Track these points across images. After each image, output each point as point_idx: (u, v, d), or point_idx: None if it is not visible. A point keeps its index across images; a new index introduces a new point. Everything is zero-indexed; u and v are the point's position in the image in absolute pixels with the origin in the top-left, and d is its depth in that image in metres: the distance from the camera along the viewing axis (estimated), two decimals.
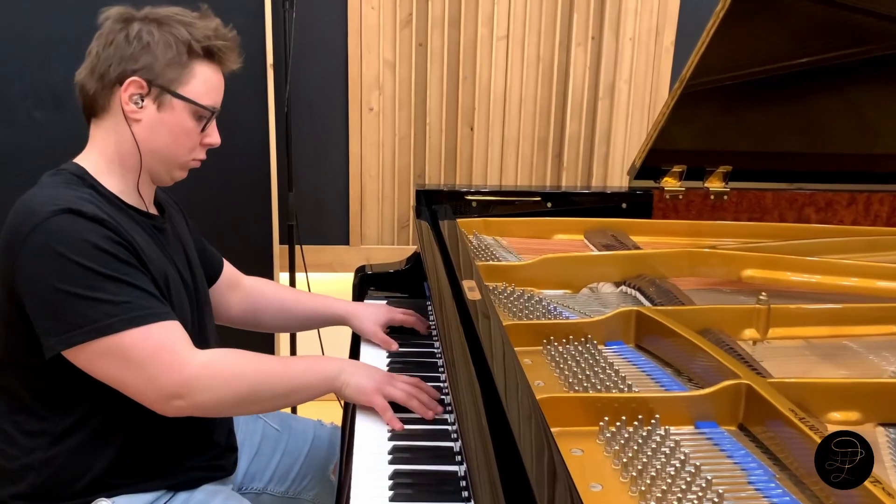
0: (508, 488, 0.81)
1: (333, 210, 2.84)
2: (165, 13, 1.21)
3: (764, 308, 1.31)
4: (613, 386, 1.09)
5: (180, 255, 1.32)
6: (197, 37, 1.20)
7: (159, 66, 1.19)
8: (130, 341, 1.09)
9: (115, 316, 1.08)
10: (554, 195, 1.96)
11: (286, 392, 1.20)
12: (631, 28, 2.78)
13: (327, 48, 2.70)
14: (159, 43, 1.18)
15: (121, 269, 1.11)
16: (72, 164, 1.23)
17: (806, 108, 1.89)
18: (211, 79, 1.23)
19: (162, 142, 1.22)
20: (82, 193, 1.16)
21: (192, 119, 1.22)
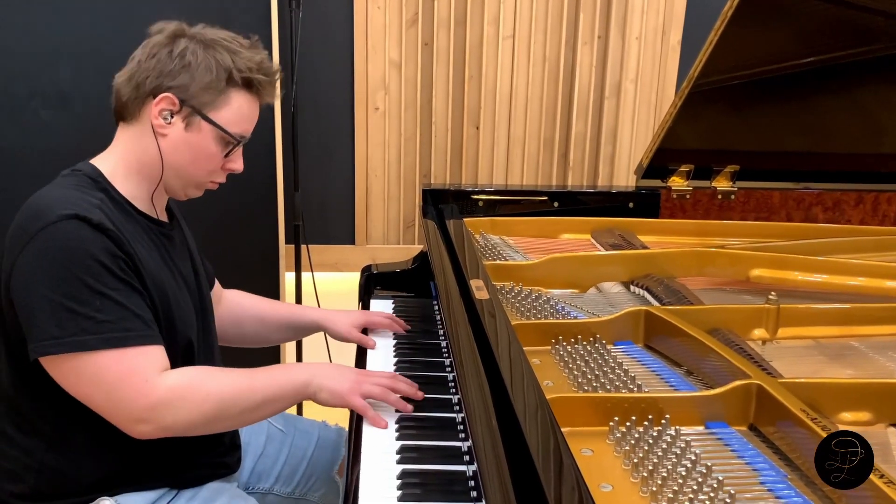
0: (519, 488, 0.81)
1: (339, 210, 2.85)
2: (214, 36, 1.21)
3: (773, 308, 1.31)
4: (623, 386, 1.09)
5: (187, 261, 1.32)
6: (239, 66, 1.20)
7: (195, 87, 1.19)
8: (103, 362, 1.08)
9: (93, 334, 1.07)
10: (561, 194, 1.95)
11: (255, 406, 1.17)
12: (637, 27, 2.77)
13: (333, 48, 2.70)
14: (200, 65, 1.18)
15: (113, 284, 1.10)
16: (88, 165, 1.22)
17: (813, 108, 1.88)
18: (244, 109, 1.23)
19: (182, 160, 1.22)
20: (93, 198, 1.15)
21: (218, 144, 1.22)
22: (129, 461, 1.20)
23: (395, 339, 1.53)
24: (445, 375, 1.35)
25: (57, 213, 1.09)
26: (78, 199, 1.13)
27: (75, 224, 1.09)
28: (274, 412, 1.22)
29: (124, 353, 1.09)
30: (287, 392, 1.19)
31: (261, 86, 1.23)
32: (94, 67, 2.15)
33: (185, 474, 1.25)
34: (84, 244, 1.09)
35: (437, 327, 1.58)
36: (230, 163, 1.26)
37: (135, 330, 1.10)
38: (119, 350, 1.08)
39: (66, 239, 1.08)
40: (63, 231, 1.08)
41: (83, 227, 1.09)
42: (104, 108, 2.16)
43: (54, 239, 1.08)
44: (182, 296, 1.25)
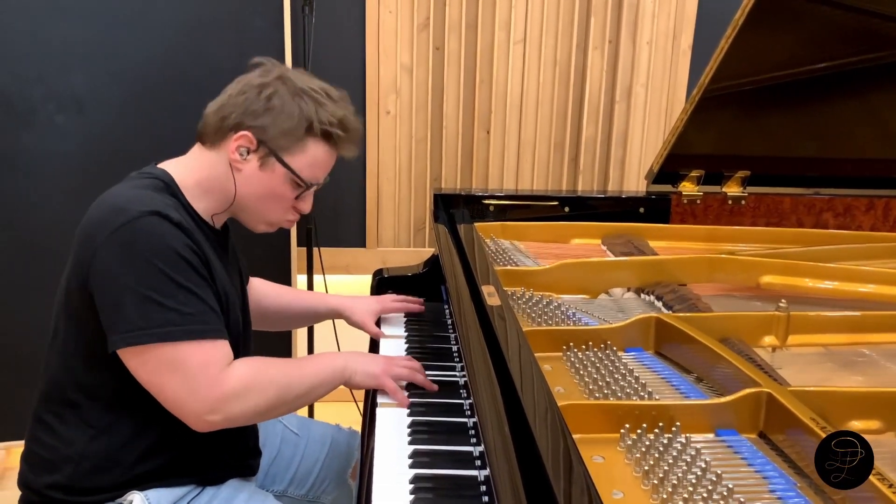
0: (531, 493, 0.82)
1: (350, 213, 2.86)
2: (304, 85, 1.25)
3: (783, 315, 1.31)
4: (634, 393, 1.10)
5: (235, 269, 1.39)
6: (322, 118, 1.24)
7: (275, 130, 1.23)
8: (184, 353, 1.13)
9: (178, 325, 1.13)
10: (571, 199, 1.96)
11: (307, 391, 1.25)
12: (648, 31, 2.78)
13: (345, 52, 2.71)
14: (284, 110, 1.22)
15: (194, 279, 1.15)
16: (159, 170, 1.26)
17: (825, 113, 1.89)
18: (320, 158, 1.27)
19: (253, 195, 1.26)
20: (167, 199, 1.20)
21: (289, 186, 1.27)
22: (163, 458, 1.24)
23: (407, 344, 1.54)
24: (457, 380, 1.37)
25: (138, 210, 1.14)
26: (154, 198, 1.18)
27: (157, 220, 1.14)
28: (319, 396, 1.29)
29: (202, 345, 1.15)
30: (329, 377, 1.27)
31: (338, 139, 1.27)
32: (108, 72, 2.17)
33: (210, 472, 1.28)
34: (167, 239, 1.14)
35: (448, 331, 1.59)
36: (300, 203, 1.31)
37: (212, 323, 1.17)
38: (198, 342, 1.14)
39: (150, 233, 1.13)
40: (147, 225, 1.13)
41: (164, 223, 1.14)
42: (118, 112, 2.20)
43: (139, 233, 1.12)
44: (235, 297, 1.31)
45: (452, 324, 1.59)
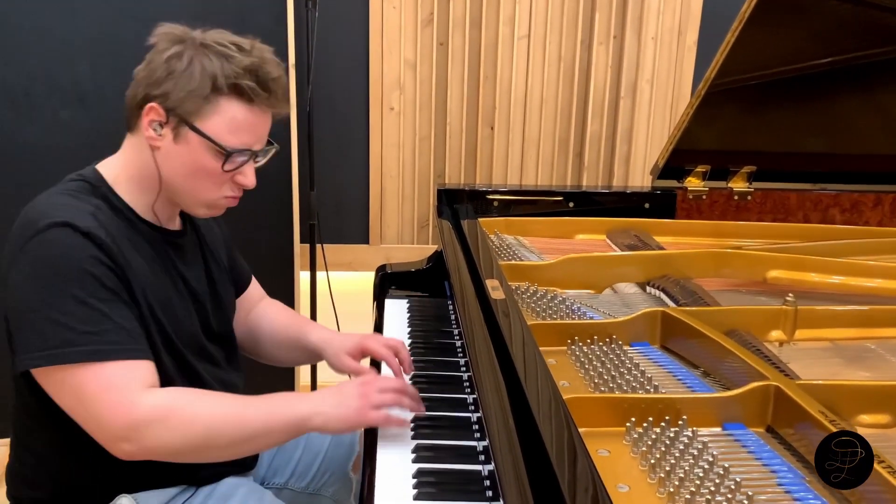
0: (536, 488, 0.81)
1: (354, 209, 2.85)
2: (209, 40, 1.13)
3: (791, 309, 1.30)
4: (640, 387, 1.09)
5: (197, 268, 1.28)
6: (226, 72, 1.11)
7: (179, 94, 1.11)
8: (83, 376, 1.04)
9: (75, 346, 1.03)
10: (576, 195, 1.95)
11: (247, 437, 1.10)
12: (653, 27, 2.76)
13: (349, 48, 2.71)
14: (186, 71, 1.11)
15: (100, 294, 1.06)
16: (92, 171, 1.19)
17: (831, 108, 1.87)
18: (239, 118, 1.13)
19: (178, 174, 1.15)
20: (87, 205, 1.12)
21: (211, 156, 1.13)
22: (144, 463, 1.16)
23: (410, 339, 1.53)
24: (460, 375, 1.36)
25: (44, 222, 1.06)
26: (70, 205, 1.10)
27: (63, 232, 1.06)
28: (267, 446, 1.15)
29: (103, 367, 1.04)
30: (284, 426, 1.11)
31: (254, 93, 1.12)
32: (112, 66, 2.16)
33: (201, 472, 1.26)
34: (71, 252, 1.05)
35: (452, 326, 1.58)
36: (238, 176, 1.17)
37: (119, 343, 1.06)
38: (98, 364, 1.04)
39: (52, 247, 1.05)
40: (50, 239, 1.05)
41: (71, 234, 1.06)
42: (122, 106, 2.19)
43: (42, 247, 1.05)
44: (183, 305, 1.21)
45: (456, 319, 1.58)
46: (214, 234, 1.37)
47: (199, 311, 1.26)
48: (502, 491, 0.84)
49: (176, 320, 1.19)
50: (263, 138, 1.18)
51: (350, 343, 1.36)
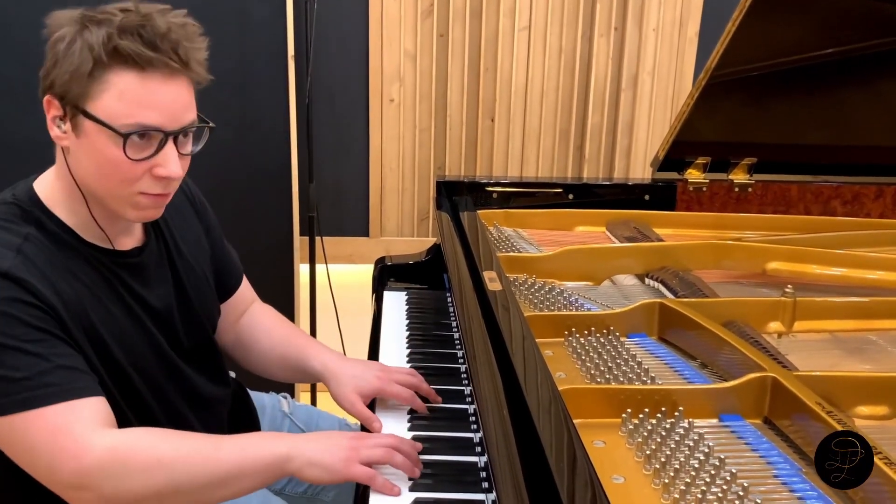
0: (530, 479, 0.80)
1: (353, 202, 2.85)
2: (93, 11, 0.98)
3: (790, 301, 1.29)
4: (636, 378, 1.08)
5: (162, 285, 1.16)
6: (102, 38, 0.95)
7: (64, 79, 0.97)
8: (23, 424, 0.94)
9: (6, 395, 0.93)
10: (575, 187, 1.94)
11: (218, 481, 0.98)
12: (654, 19, 2.75)
13: (348, 40, 2.70)
14: (67, 52, 0.97)
15: (26, 335, 0.95)
16: (27, 191, 1.06)
17: (833, 100, 1.86)
18: (129, 91, 0.96)
19: (88, 173, 1.01)
20: (14, 237, 0.99)
21: (111, 143, 0.97)
22: None
23: (409, 331, 1.53)
24: (458, 367, 1.35)
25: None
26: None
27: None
28: (243, 491, 1.02)
29: (46, 412, 0.94)
30: (260, 467, 0.99)
31: (138, 55, 0.94)
32: None
33: None
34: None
35: (451, 319, 1.58)
36: (155, 167, 1.00)
37: (57, 384, 0.95)
38: (38, 410, 0.93)
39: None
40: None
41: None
42: None
43: None
44: (138, 328, 1.10)
45: (454, 311, 1.58)
46: (193, 232, 1.25)
47: (163, 329, 1.14)
48: (496, 482, 0.84)
49: (128, 347, 1.08)
50: (177, 114, 0.99)
51: (368, 388, 1.21)
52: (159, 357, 1.13)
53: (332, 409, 1.39)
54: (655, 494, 0.86)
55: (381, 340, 1.49)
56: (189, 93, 1.02)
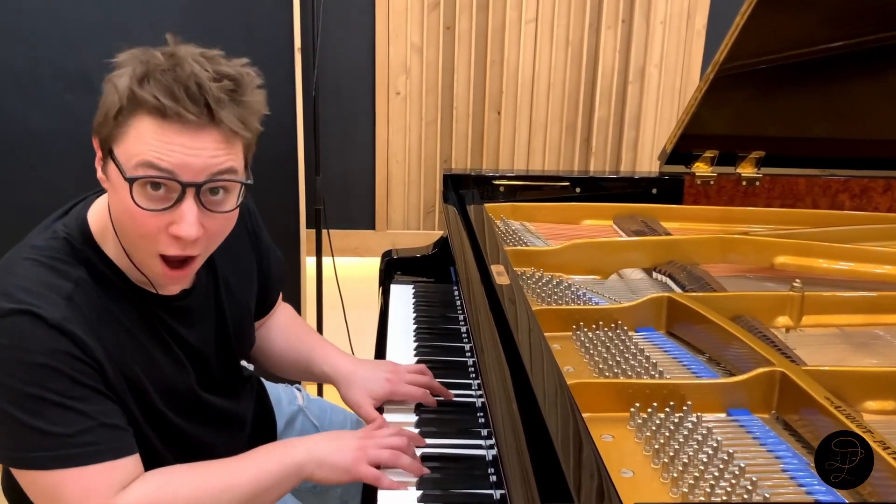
0: (539, 472, 0.80)
1: (360, 195, 2.85)
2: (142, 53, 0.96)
3: (798, 295, 1.29)
4: (644, 372, 1.08)
5: (205, 326, 1.15)
6: (126, 81, 0.93)
7: (99, 121, 0.96)
8: (58, 479, 0.93)
9: (48, 450, 0.92)
10: (583, 180, 1.94)
11: (249, 498, 1.01)
12: (662, 11, 2.74)
13: (355, 32, 2.69)
14: (106, 95, 0.96)
15: (72, 391, 0.93)
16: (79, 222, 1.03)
17: (842, 93, 1.85)
18: (145, 136, 0.91)
19: (116, 221, 0.99)
20: (65, 281, 0.97)
21: (126, 188, 0.92)
22: None
23: (416, 325, 1.53)
24: (465, 360, 1.35)
25: (8, 307, 0.92)
26: (42, 286, 0.95)
27: (27, 322, 0.92)
28: (273, 500, 1.04)
29: (82, 472, 0.94)
30: (277, 480, 1.02)
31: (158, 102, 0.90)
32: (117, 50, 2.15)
33: None
34: (37, 346, 0.91)
35: (458, 312, 1.58)
36: (170, 224, 0.94)
37: (98, 443, 0.95)
38: (74, 469, 0.93)
39: (14, 339, 0.91)
40: (11, 330, 0.91)
41: (37, 325, 0.92)
42: None
43: (2, 338, 0.92)
44: (175, 366, 1.09)
45: (462, 305, 1.58)
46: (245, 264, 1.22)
47: (197, 366, 1.13)
48: (505, 476, 0.84)
49: (164, 387, 1.07)
50: (196, 166, 0.92)
51: (379, 392, 1.21)
52: (191, 393, 1.12)
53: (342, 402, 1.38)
54: (664, 488, 0.86)
55: (388, 334, 1.50)
56: (219, 145, 0.94)
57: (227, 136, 0.94)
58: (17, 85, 2.12)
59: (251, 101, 0.96)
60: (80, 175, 2.16)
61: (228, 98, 0.93)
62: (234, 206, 0.99)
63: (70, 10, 2.12)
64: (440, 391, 1.23)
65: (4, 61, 2.09)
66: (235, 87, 0.94)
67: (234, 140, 0.95)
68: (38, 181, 2.21)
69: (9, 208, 2.18)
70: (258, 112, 0.98)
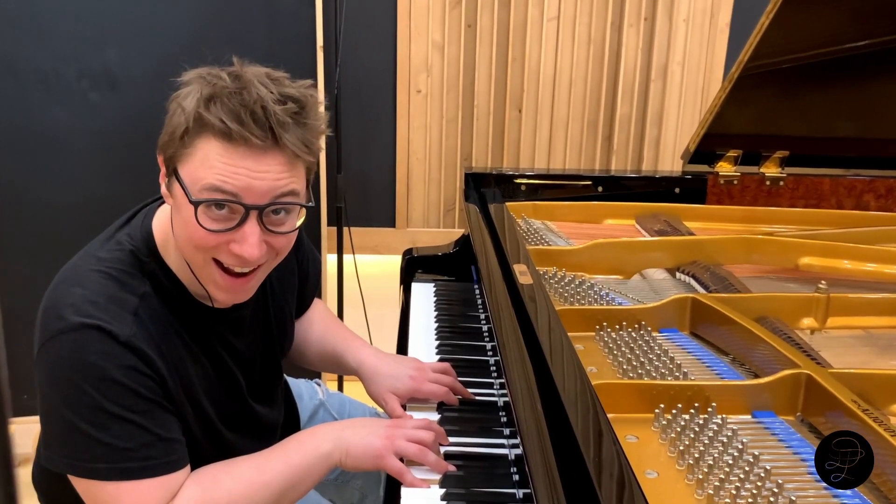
0: (564, 473, 0.80)
1: (380, 193, 2.85)
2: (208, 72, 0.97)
3: (823, 297, 1.28)
4: (668, 373, 1.08)
5: (253, 334, 1.17)
6: (193, 103, 0.94)
7: (164, 140, 0.98)
8: (115, 491, 0.96)
9: (108, 462, 0.95)
10: (605, 179, 1.93)
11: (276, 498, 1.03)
12: (685, 9, 2.72)
13: (376, 30, 2.70)
14: (172, 114, 0.97)
15: (136, 406, 0.95)
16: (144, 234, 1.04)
17: (867, 92, 1.83)
18: (210, 159, 0.92)
19: (178, 237, 1.00)
20: (132, 296, 0.99)
21: (193, 213, 0.94)
22: None
23: (437, 323, 1.53)
24: (487, 359, 1.36)
25: (76, 321, 0.94)
26: (110, 300, 0.97)
27: (96, 337, 0.94)
28: (302, 495, 1.06)
29: (139, 485, 0.96)
30: (307, 471, 1.05)
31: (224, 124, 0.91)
32: (140, 48, 2.18)
33: None
34: (104, 361, 0.93)
35: (479, 311, 1.58)
36: (232, 242, 0.95)
37: (156, 458, 0.97)
38: (132, 482, 0.96)
39: (83, 353, 0.93)
40: (80, 344, 0.93)
41: (106, 341, 0.94)
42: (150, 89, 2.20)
43: (70, 350, 0.94)
44: (226, 379, 1.11)
45: (483, 303, 1.58)
46: (290, 269, 1.25)
47: (245, 373, 1.16)
48: (530, 476, 0.84)
49: (215, 397, 1.10)
50: (260, 189, 0.94)
51: (403, 389, 1.22)
52: (242, 403, 1.15)
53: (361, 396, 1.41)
54: (689, 490, 0.86)
55: (409, 332, 1.50)
56: (282, 168, 0.95)
57: (290, 159, 0.95)
58: (43, 83, 2.14)
59: (314, 124, 0.97)
60: (103, 173, 2.18)
61: (293, 121, 0.94)
62: (294, 228, 1.00)
63: (95, 8, 2.13)
64: (461, 391, 1.24)
65: (30, 60, 2.12)
66: (299, 108, 0.95)
67: (296, 162, 0.96)
68: (62, 179, 2.23)
69: (34, 205, 2.20)
70: (321, 134, 0.99)
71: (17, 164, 2.16)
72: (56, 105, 2.16)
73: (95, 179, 2.20)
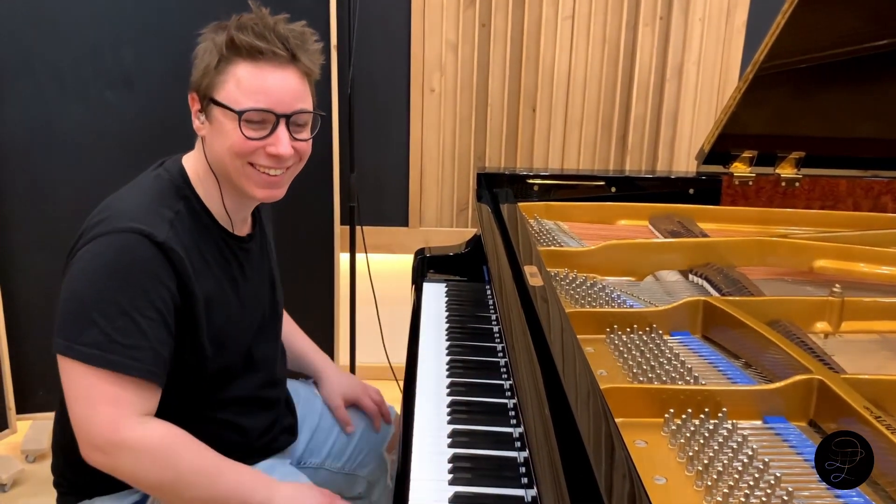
0: (571, 476, 0.80)
1: (393, 192, 2.85)
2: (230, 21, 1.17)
3: (837, 300, 1.27)
4: (679, 377, 1.07)
5: (263, 272, 1.34)
6: (224, 36, 1.14)
7: (198, 76, 1.17)
8: (96, 377, 1.06)
9: (100, 350, 1.06)
10: (618, 179, 1.92)
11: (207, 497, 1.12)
12: (701, 8, 2.70)
13: (390, 29, 2.69)
14: (203, 52, 1.17)
15: (146, 311, 1.08)
16: (177, 166, 1.22)
17: (884, 92, 1.81)
18: (246, 79, 1.13)
19: (217, 156, 1.18)
20: (169, 210, 1.15)
21: (234, 125, 1.14)
22: None
23: (448, 323, 1.53)
24: (497, 361, 1.35)
25: (124, 225, 1.09)
26: (152, 211, 1.13)
27: (136, 239, 1.08)
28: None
29: (121, 379, 1.07)
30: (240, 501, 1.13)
31: (251, 46, 1.12)
32: (156, 48, 2.19)
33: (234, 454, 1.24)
34: (136, 263, 1.08)
35: (490, 311, 1.58)
36: (268, 146, 1.15)
37: (142, 361, 1.08)
38: (118, 375, 1.07)
39: (119, 251, 1.08)
40: (120, 243, 1.08)
41: (144, 243, 1.09)
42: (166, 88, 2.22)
43: (110, 247, 1.08)
44: (244, 313, 1.26)
45: (494, 304, 1.58)
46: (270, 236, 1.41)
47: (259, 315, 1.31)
48: (536, 478, 0.84)
49: (232, 328, 1.23)
50: (286, 101, 1.15)
51: (351, 395, 1.53)
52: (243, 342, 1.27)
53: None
54: (698, 496, 0.85)
55: (420, 332, 1.50)
56: (299, 82, 1.17)
57: (302, 76, 1.17)
58: (59, 81, 2.16)
59: (313, 50, 1.19)
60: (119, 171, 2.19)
61: (301, 44, 1.16)
62: (310, 136, 1.22)
63: (112, 7, 2.15)
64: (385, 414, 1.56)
65: (46, 59, 2.13)
66: (302, 37, 1.17)
67: (305, 81, 1.18)
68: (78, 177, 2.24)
69: (50, 203, 2.22)
70: (318, 60, 1.20)
71: (34, 162, 2.17)
72: (72, 104, 2.17)
73: (111, 177, 2.20)
